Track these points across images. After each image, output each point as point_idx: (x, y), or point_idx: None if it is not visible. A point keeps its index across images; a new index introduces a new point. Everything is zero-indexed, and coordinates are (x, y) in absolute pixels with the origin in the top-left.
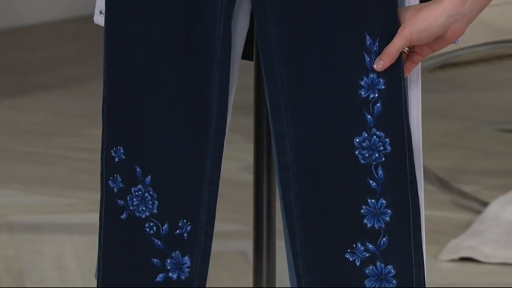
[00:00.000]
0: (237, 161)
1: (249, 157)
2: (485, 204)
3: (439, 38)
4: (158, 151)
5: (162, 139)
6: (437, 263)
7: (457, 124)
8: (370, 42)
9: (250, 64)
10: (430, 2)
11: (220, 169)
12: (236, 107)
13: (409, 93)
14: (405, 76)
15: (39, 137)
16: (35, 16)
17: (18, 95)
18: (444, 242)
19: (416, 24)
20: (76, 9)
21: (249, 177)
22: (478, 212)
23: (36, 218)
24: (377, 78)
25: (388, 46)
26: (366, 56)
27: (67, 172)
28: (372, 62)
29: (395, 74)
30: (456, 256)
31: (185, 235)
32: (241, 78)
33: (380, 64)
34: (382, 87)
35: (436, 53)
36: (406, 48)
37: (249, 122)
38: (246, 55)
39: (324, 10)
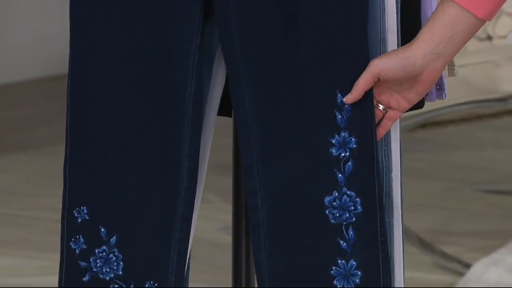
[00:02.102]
0: (214, 221)
1: (227, 218)
2: (468, 266)
3: (415, 82)
4: (125, 210)
5: (129, 197)
6: None
7: (439, 184)
8: (341, 100)
9: (229, 122)
10: (402, 46)
11: (190, 228)
12: (214, 166)
13: (388, 151)
14: (381, 135)
15: (11, 198)
16: (7, 76)
17: None
18: None
19: (389, 56)
20: (48, 69)
21: (227, 238)
22: (461, 274)
23: (9, 281)
24: (349, 137)
25: (358, 79)
26: (337, 114)
27: (41, 233)
28: (343, 120)
29: (367, 133)
30: None
31: None
32: (220, 136)
33: (349, 97)
34: (354, 146)
35: (416, 111)
36: (382, 106)
37: (227, 182)
38: (225, 111)
39: (296, 66)
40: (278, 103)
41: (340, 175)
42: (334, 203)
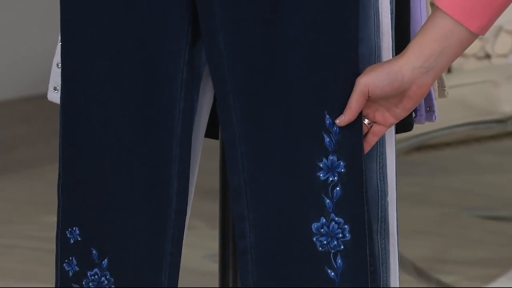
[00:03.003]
0: (200, 249)
1: (213, 245)
2: None
3: (403, 97)
4: (116, 232)
5: (119, 219)
6: None
7: (435, 210)
8: (329, 122)
9: (215, 145)
10: (390, 59)
11: (181, 251)
12: (199, 191)
13: (384, 174)
14: (366, 151)
15: None
16: None
17: None
18: None
19: (375, 72)
20: (25, 89)
21: (214, 266)
22: None
23: None
24: (337, 161)
25: (349, 99)
26: (325, 136)
27: (16, 262)
28: (332, 142)
29: (356, 157)
30: None
31: None
32: (205, 160)
33: (341, 119)
34: (342, 170)
35: (411, 133)
36: (367, 121)
37: (212, 207)
38: (211, 133)
39: (284, 86)
40: (267, 124)
41: (328, 201)
42: (322, 230)
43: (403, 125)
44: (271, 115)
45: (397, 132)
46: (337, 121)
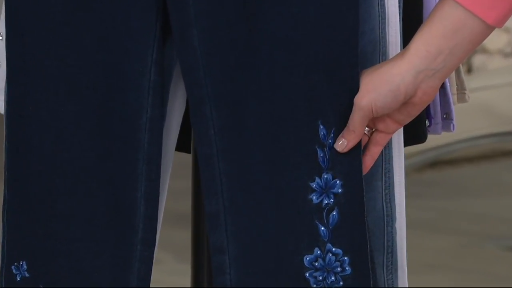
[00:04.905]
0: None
1: (183, 282)
2: None
3: (407, 104)
4: (70, 266)
5: (75, 251)
6: None
7: (452, 239)
8: (324, 133)
9: (187, 160)
10: (390, 59)
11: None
12: (168, 217)
13: (391, 196)
14: (368, 167)
15: None
16: None
17: None
18: None
19: (376, 90)
20: None
21: None
22: None
23: None
24: (333, 179)
25: (349, 121)
26: (319, 151)
27: None
28: (326, 158)
29: (355, 174)
30: None
31: None
32: (175, 179)
33: (344, 145)
34: (339, 190)
35: (425, 146)
36: (367, 129)
37: (183, 236)
38: (182, 146)
39: (270, 91)
40: (250, 136)
41: (322, 228)
42: (316, 264)
43: (415, 136)
44: (255, 126)
45: (407, 144)
46: (338, 148)
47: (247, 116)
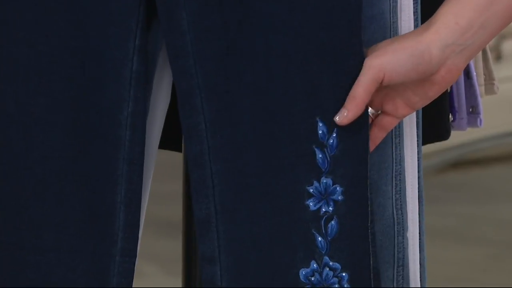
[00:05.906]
0: None
1: None
2: None
3: (426, 81)
4: (40, 279)
5: (46, 262)
6: None
7: (477, 250)
8: (323, 132)
9: (178, 159)
10: (411, 31)
11: None
12: (153, 225)
13: (402, 201)
14: (370, 151)
15: None
16: None
17: None
18: None
19: (395, 52)
20: None
21: None
22: None
23: None
24: (333, 184)
25: (353, 86)
26: (317, 151)
27: None
28: (326, 160)
29: (359, 180)
30: None
31: None
32: (161, 182)
33: (344, 115)
34: (339, 197)
35: (447, 144)
36: (372, 110)
37: (170, 245)
38: (169, 143)
39: (266, 82)
40: (244, 132)
41: (320, 239)
42: (313, 278)
43: (436, 133)
44: (249, 120)
45: (427, 142)
46: (336, 119)
47: (241, 109)
